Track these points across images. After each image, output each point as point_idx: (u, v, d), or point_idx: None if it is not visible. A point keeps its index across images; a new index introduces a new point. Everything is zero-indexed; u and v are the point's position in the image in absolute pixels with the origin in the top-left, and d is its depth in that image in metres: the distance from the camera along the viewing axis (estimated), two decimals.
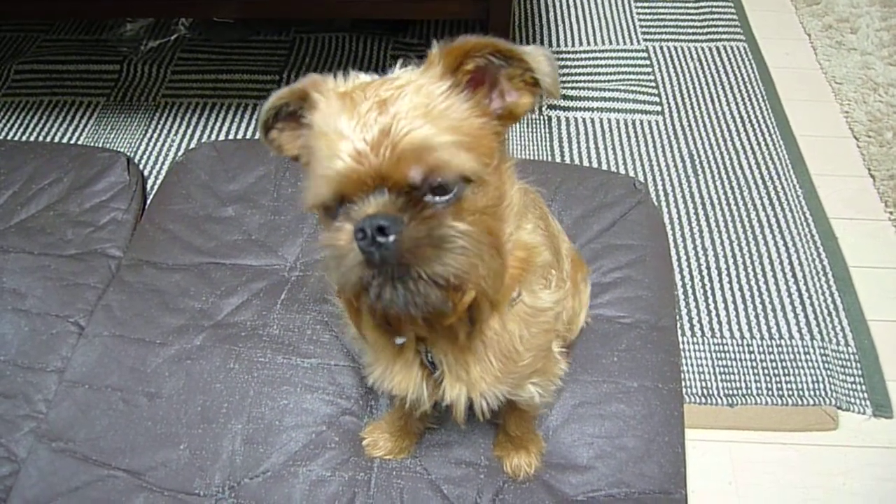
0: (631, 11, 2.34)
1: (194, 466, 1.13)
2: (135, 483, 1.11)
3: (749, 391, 1.41)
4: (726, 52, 2.20)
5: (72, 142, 1.92)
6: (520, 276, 0.78)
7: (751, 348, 1.47)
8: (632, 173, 1.82)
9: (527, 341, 0.83)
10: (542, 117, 1.98)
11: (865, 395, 1.41)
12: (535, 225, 0.81)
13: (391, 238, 0.60)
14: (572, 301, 1.12)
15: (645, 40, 2.24)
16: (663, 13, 2.34)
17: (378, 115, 0.62)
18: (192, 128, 1.96)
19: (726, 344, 1.48)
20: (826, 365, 1.44)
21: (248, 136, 1.93)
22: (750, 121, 1.97)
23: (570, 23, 2.31)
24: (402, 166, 0.61)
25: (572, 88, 2.05)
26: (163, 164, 1.85)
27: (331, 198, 0.65)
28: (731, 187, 1.79)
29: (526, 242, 0.78)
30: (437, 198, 0.63)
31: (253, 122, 1.98)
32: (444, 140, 0.62)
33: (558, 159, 1.85)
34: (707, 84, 2.09)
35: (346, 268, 0.63)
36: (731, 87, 2.08)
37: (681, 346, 1.44)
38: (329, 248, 0.64)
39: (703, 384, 1.42)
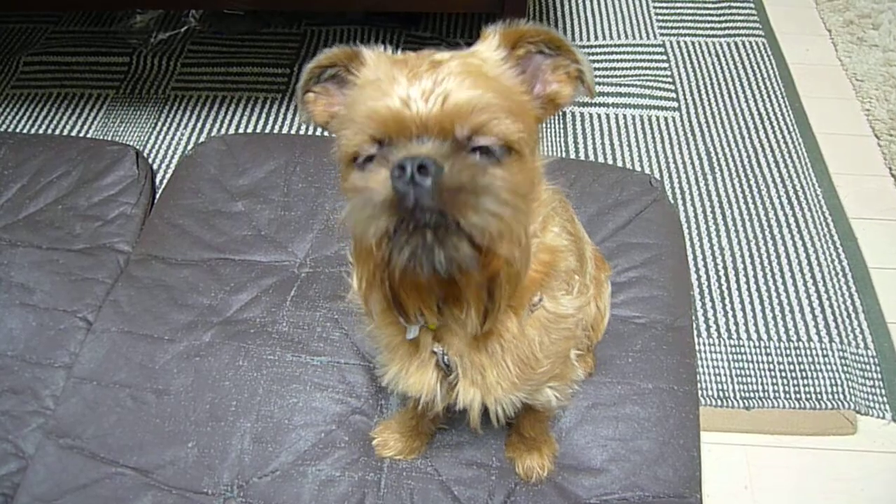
0: (648, 5, 2.30)
1: (203, 465, 1.12)
2: (143, 481, 1.10)
3: (766, 394, 1.38)
4: (745, 47, 2.16)
5: (80, 135, 1.91)
6: (542, 280, 0.76)
7: (768, 350, 1.44)
8: (647, 170, 1.79)
9: (546, 348, 0.80)
10: (556, 113, 1.95)
11: (885, 399, 1.38)
12: (562, 228, 0.79)
13: (430, 179, 0.56)
14: (597, 302, 1.10)
15: (662, 35, 2.20)
16: (681, 7, 2.31)
17: (429, 70, 0.62)
18: (201, 121, 1.94)
19: (743, 345, 1.45)
20: (845, 368, 1.41)
21: (258, 130, 1.92)
22: (768, 118, 1.94)
23: (586, 16, 2.27)
24: (450, 118, 0.60)
25: None
26: (172, 157, 1.84)
27: (372, 138, 0.62)
28: (749, 186, 1.76)
29: (551, 245, 0.76)
30: (481, 159, 0.62)
31: (263, 115, 1.96)
32: (493, 102, 0.62)
33: (573, 155, 1.83)
34: (725, 80, 2.05)
35: (374, 210, 0.58)
36: (750, 84, 2.04)
37: (696, 347, 1.41)
38: (359, 190, 0.60)
39: (719, 386, 1.39)
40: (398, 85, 0.61)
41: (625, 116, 1.93)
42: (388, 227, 0.58)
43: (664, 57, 2.12)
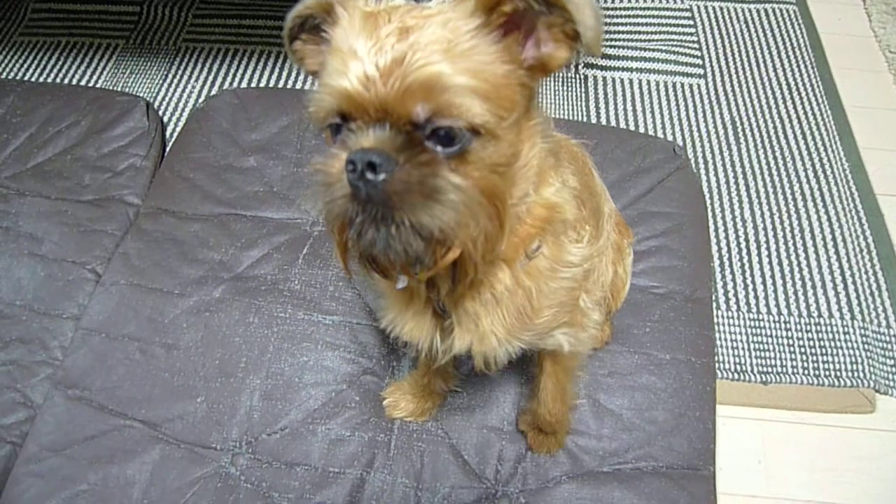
0: None
1: (211, 420, 1.11)
2: (151, 434, 1.09)
3: (784, 369, 1.36)
4: (775, 14, 2.09)
5: (89, 85, 1.87)
6: (536, 234, 0.73)
7: (788, 325, 1.42)
8: (670, 138, 1.74)
9: (546, 297, 0.78)
10: (577, 76, 1.90)
11: None
12: (564, 182, 0.75)
13: (381, 177, 0.56)
14: (617, 268, 1.07)
15: None
16: None
17: (396, 41, 0.58)
18: (213, 74, 1.90)
19: (762, 320, 1.43)
20: (866, 346, 1.38)
21: (271, 85, 1.87)
22: (797, 88, 1.88)
23: None
24: (408, 100, 0.57)
25: (611, 47, 1.96)
26: (183, 110, 1.80)
27: (331, 115, 0.61)
28: (775, 157, 1.71)
29: (549, 201, 0.73)
30: (440, 147, 0.59)
31: (277, 69, 1.91)
32: (458, 82, 0.57)
33: (594, 120, 1.78)
34: (753, 47, 1.98)
35: (332, 198, 0.60)
36: (779, 52, 1.97)
37: (715, 319, 1.39)
38: (319, 174, 0.61)
39: (737, 360, 1.37)
40: (359, 61, 0.58)
41: (648, 82, 1.88)
42: (346, 214, 0.60)
43: (691, 22, 2.05)
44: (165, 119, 1.76)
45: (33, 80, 1.90)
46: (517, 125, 0.64)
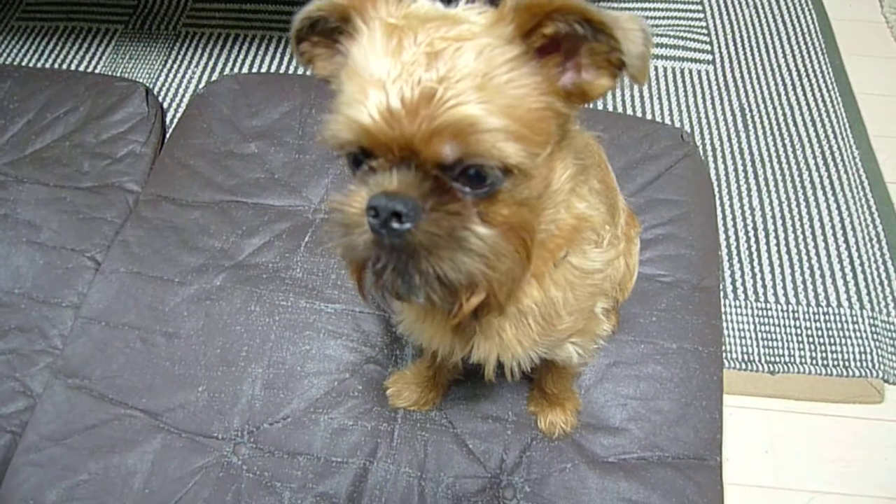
0: None
1: (213, 409, 1.09)
2: (152, 423, 1.08)
3: (791, 359, 1.34)
4: (785, 0, 2.05)
5: (88, 70, 1.84)
6: (564, 243, 0.70)
7: (796, 314, 1.40)
8: (678, 125, 1.71)
9: (570, 304, 0.75)
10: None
11: None
12: (591, 188, 0.72)
13: (406, 226, 0.54)
14: (626, 259, 1.05)
15: None
16: None
17: (425, 70, 0.52)
18: (213, 59, 1.87)
19: (770, 309, 1.41)
20: (875, 336, 1.37)
21: (272, 70, 1.85)
22: (807, 75, 1.85)
23: None
24: (437, 143, 0.52)
25: None
26: (183, 96, 1.78)
27: (349, 146, 0.57)
28: (784, 145, 1.69)
29: (579, 213, 0.70)
30: (468, 188, 0.55)
31: (278, 55, 1.89)
32: (493, 124, 0.52)
33: (600, 106, 1.75)
34: (763, 33, 1.95)
35: (353, 240, 0.57)
36: (789, 38, 1.94)
37: (722, 308, 1.37)
38: (338, 213, 0.58)
39: (744, 349, 1.35)
40: (382, 92, 0.53)
41: (656, 68, 1.85)
42: (366, 257, 0.58)
43: (699, 7, 2.02)
44: (165, 105, 1.74)
45: (31, 65, 1.88)
46: (551, 156, 0.60)
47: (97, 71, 1.85)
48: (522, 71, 0.55)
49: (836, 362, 1.33)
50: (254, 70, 1.85)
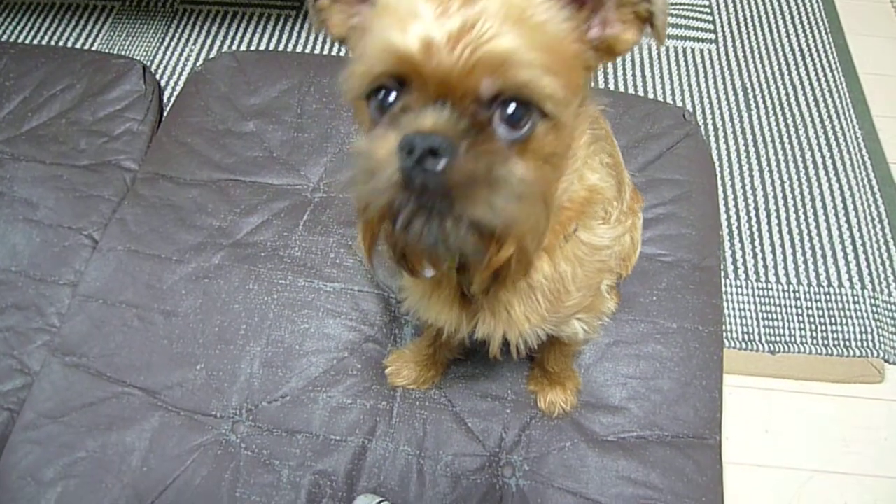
0: None
1: (211, 388, 1.09)
2: (150, 402, 1.08)
3: (792, 338, 1.34)
4: None
5: (84, 48, 1.82)
6: (575, 216, 0.69)
7: (797, 294, 1.40)
8: (680, 104, 1.70)
9: (579, 280, 0.75)
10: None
11: None
12: (601, 162, 0.71)
13: (441, 164, 0.50)
14: (631, 233, 1.04)
15: None
16: None
17: (462, 4, 0.51)
18: (211, 37, 1.85)
19: (771, 289, 1.41)
20: (876, 315, 1.36)
21: (271, 48, 1.83)
22: (810, 54, 1.83)
23: None
24: (477, 75, 0.51)
25: None
26: (180, 74, 1.76)
27: (380, 79, 0.55)
28: (786, 124, 1.67)
29: (591, 184, 0.69)
30: (504, 131, 0.53)
31: (277, 32, 1.87)
32: (533, 57, 0.52)
33: (602, 86, 1.74)
34: (766, 12, 1.93)
35: (378, 185, 0.52)
36: (792, 17, 1.92)
37: (723, 288, 1.36)
38: (363, 158, 0.54)
39: (745, 329, 1.35)
40: (421, 21, 0.52)
41: (658, 47, 1.82)
42: (391, 203, 0.53)
43: None
44: (163, 83, 1.73)
45: (27, 42, 1.86)
46: (576, 113, 0.59)
47: (94, 48, 1.83)
48: (559, 14, 0.56)
49: (836, 342, 1.33)
50: (252, 48, 1.83)
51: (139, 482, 1.01)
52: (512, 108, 0.53)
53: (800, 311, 1.37)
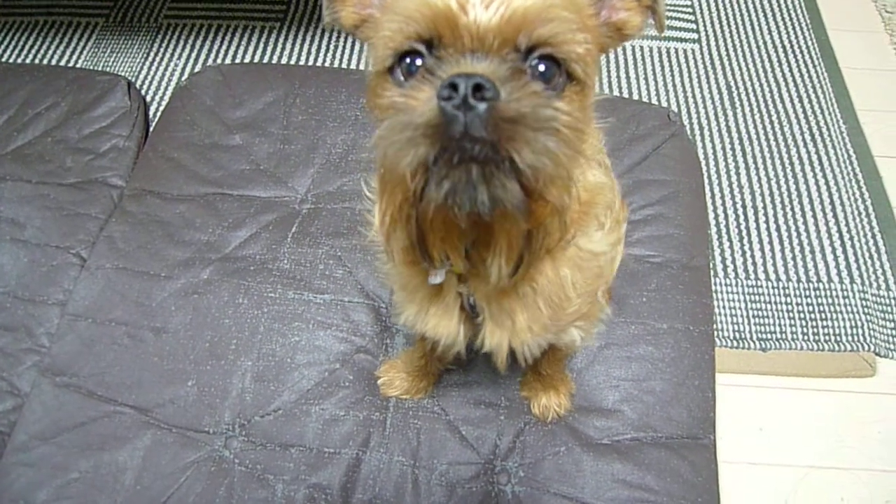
0: None
1: (203, 403, 1.09)
2: (142, 420, 1.07)
3: (783, 335, 1.34)
4: None
5: (69, 65, 1.82)
6: (579, 219, 0.70)
7: (786, 291, 1.40)
8: (665, 105, 1.71)
9: (579, 287, 0.75)
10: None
11: None
12: (601, 163, 0.74)
13: (486, 104, 0.48)
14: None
15: None
16: None
17: None
18: (196, 51, 1.85)
19: (761, 286, 1.41)
20: (865, 309, 1.37)
21: (256, 60, 1.82)
22: (793, 51, 1.84)
23: None
24: (514, 28, 0.52)
25: None
26: (166, 89, 1.76)
27: (419, 35, 0.54)
28: (771, 121, 1.68)
29: (593, 183, 0.70)
30: (539, 86, 0.53)
31: (261, 44, 1.87)
32: (564, 15, 0.54)
33: (595, 90, 1.74)
34: (747, 10, 1.94)
35: (414, 134, 0.49)
36: (774, 14, 1.94)
37: (713, 287, 1.36)
38: (397, 109, 0.52)
39: (736, 327, 1.35)
40: None
41: (641, 48, 1.84)
42: (428, 156, 0.49)
43: None
44: (148, 98, 1.72)
45: (11, 61, 1.85)
46: (591, 93, 0.60)
47: (78, 65, 1.82)
48: None
49: (827, 337, 1.34)
50: (237, 60, 1.83)
51: (133, 501, 1.01)
52: (543, 65, 0.54)
53: (790, 307, 1.38)
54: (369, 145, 0.54)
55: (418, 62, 0.55)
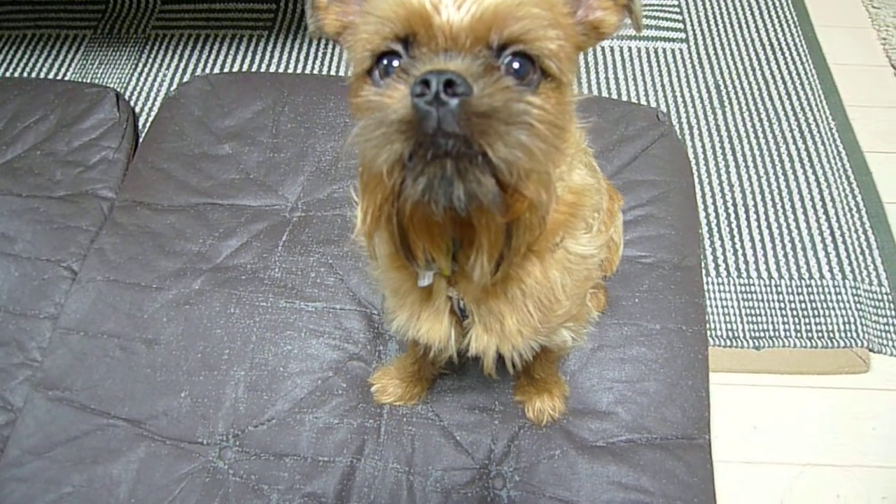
0: None
1: (196, 414, 1.08)
2: (135, 432, 1.07)
3: (777, 333, 1.34)
4: None
5: (57, 78, 1.81)
6: (566, 221, 0.70)
7: (779, 288, 1.40)
8: (654, 105, 1.71)
9: (568, 289, 0.75)
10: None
11: None
12: (587, 165, 0.74)
13: (458, 99, 0.48)
14: (612, 233, 1.05)
15: None
16: None
17: None
18: (184, 61, 1.85)
19: (753, 284, 1.41)
20: (858, 305, 1.37)
21: (244, 69, 1.82)
22: (780, 48, 1.85)
23: None
24: (485, 26, 0.53)
25: None
26: (154, 99, 1.75)
27: (395, 35, 0.55)
28: (760, 119, 1.68)
29: (578, 185, 0.70)
30: (513, 83, 0.54)
31: (249, 54, 1.86)
32: (535, 12, 0.55)
33: (574, 90, 1.74)
34: (734, 9, 1.95)
35: (389, 131, 0.50)
36: (761, 12, 1.94)
37: (705, 286, 1.37)
38: (372, 107, 0.53)
39: (729, 326, 1.35)
40: None
41: (629, 49, 1.84)
42: (403, 152, 0.50)
43: None
44: (137, 109, 1.72)
45: None
46: (570, 89, 0.61)
47: (67, 78, 1.82)
48: None
49: (820, 334, 1.34)
50: (225, 70, 1.83)
51: None
52: (517, 62, 0.55)
53: (782, 304, 1.38)
54: (346, 145, 0.54)
55: (395, 63, 0.56)
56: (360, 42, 0.58)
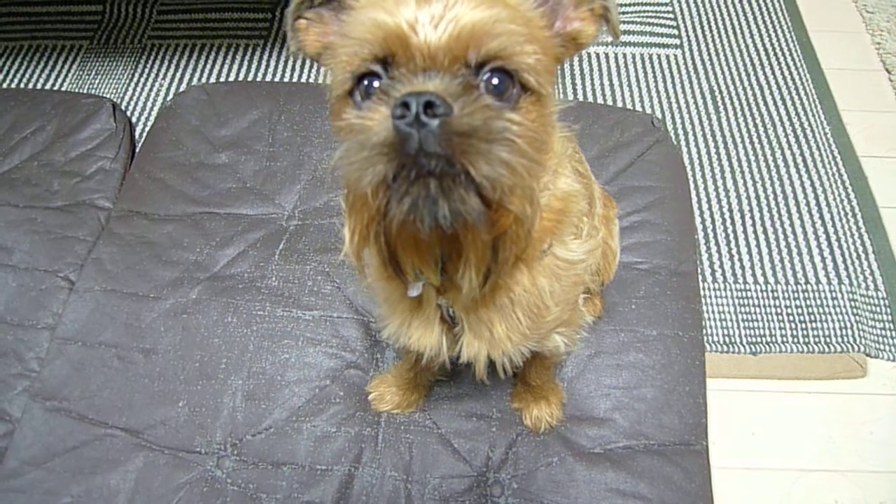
0: None
1: (194, 424, 1.08)
2: (133, 442, 1.07)
3: (773, 338, 1.34)
4: None
5: (54, 88, 1.82)
6: (553, 228, 0.70)
7: (775, 294, 1.40)
8: (648, 111, 1.71)
9: (556, 295, 0.75)
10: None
11: (895, 340, 1.35)
12: (574, 171, 0.74)
13: (438, 120, 0.49)
14: (608, 241, 1.06)
15: None
16: None
17: None
18: (180, 71, 1.86)
19: (749, 290, 1.41)
20: (854, 310, 1.37)
21: (240, 78, 1.83)
22: (775, 53, 1.86)
23: None
24: (462, 44, 0.54)
25: None
26: (151, 109, 1.76)
27: (374, 56, 0.56)
28: (755, 125, 1.69)
29: (564, 191, 0.70)
30: (492, 101, 0.55)
31: (245, 63, 1.87)
32: (511, 28, 0.55)
33: (570, 96, 1.75)
34: (729, 14, 1.96)
35: (371, 153, 0.51)
36: (755, 18, 1.95)
37: (701, 292, 1.37)
38: (354, 130, 0.53)
39: (725, 332, 1.36)
40: (405, 6, 0.54)
41: (624, 55, 1.85)
42: (386, 174, 0.51)
43: None
44: (133, 119, 1.72)
45: None
46: (550, 100, 0.61)
47: (64, 88, 1.82)
48: (529, 0, 0.61)
49: (817, 339, 1.34)
50: (222, 79, 1.84)
51: None
52: (496, 79, 0.55)
53: (779, 310, 1.38)
54: (329, 167, 0.55)
55: (375, 84, 0.57)
56: (340, 64, 0.58)
